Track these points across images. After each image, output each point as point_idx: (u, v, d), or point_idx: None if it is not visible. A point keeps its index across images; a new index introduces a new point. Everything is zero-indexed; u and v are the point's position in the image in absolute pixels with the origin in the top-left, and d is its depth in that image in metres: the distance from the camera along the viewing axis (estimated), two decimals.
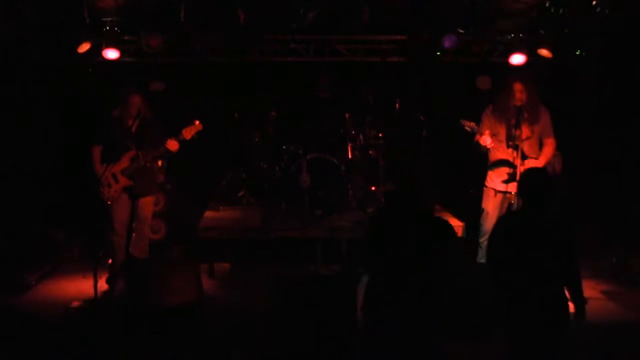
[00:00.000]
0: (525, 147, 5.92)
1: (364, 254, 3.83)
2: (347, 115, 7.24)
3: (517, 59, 7.43)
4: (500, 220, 4.17)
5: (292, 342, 4.67)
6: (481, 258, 6.13)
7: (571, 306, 3.74)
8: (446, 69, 7.88)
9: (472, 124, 6.00)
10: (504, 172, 6.03)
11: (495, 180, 6.13)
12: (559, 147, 6.38)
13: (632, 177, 7.64)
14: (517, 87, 5.90)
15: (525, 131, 5.91)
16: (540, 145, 6.08)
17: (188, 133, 6.09)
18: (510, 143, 5.93)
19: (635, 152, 7.69)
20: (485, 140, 5.93)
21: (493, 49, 7.61)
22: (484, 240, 6.16)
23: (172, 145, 6.07)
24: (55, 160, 7.93)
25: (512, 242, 3.75)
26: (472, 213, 6.48)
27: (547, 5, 5.89)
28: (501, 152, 6.00)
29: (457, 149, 7.31)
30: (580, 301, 3.73)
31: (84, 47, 7.28)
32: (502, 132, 6.01)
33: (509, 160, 5.93)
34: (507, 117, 5.98)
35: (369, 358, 3.70)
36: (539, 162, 5.92)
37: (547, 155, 6.01)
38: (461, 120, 6.04)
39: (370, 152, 7.33)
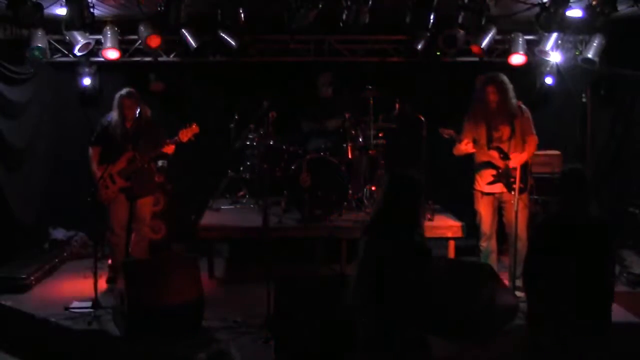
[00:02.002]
0: (508, 147, 5.95)
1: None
2: (347, 115, 7.24)
3: (517, 59, 7.44)
4: (542, 224, 4.00)
5: (292, 341, 4.68)
6: (482, 260, 6.13)
7: None
8: (446, 69, 7.88)
9: (450, 131, 6.05)
10: (488, 174, 6.07)
11: (481, 183, 6.16)
12: (558, 146, 6.36)
13: (630, 175, 7.63)
14: (489, 89, 5.92)
15: (505, 132, 5.94)
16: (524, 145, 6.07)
17: (185, 135, 6.09)
18: (491, 145, 5.96)
19: (633, 149, 7.68)
20: (465, 147, 5.93)
21: (493, 48, 7.61)
22: (483, 242, 6.17)
23: (169, 147, 6.09)
24: (55, 159, 7.94)
25: (556, 245, 3.61)
26: (472, 213, 6.48)
27: (547, 5, 5.88)
28: (484, 154, 6.02)
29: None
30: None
31: (84, 47, 7.29)
32: (483, 135, 6.03)
33: (492, 162, 5.98)
34: (486, 120, 6.00)
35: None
36: (524, 156, 5.92)
37: (530, 151, 6.01)
38: (440, 129, 6.07)
39: (370, 152, 7.32)
